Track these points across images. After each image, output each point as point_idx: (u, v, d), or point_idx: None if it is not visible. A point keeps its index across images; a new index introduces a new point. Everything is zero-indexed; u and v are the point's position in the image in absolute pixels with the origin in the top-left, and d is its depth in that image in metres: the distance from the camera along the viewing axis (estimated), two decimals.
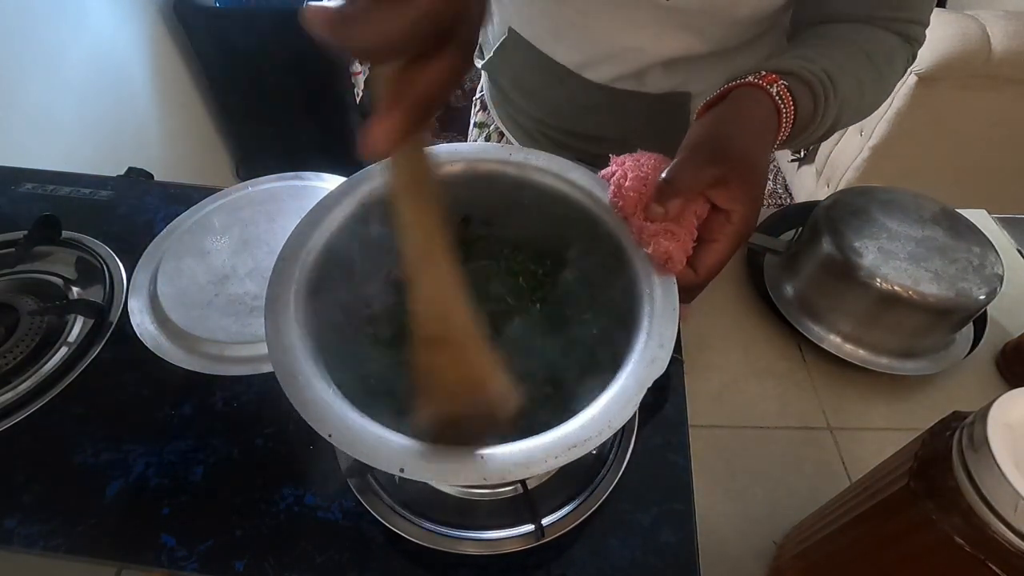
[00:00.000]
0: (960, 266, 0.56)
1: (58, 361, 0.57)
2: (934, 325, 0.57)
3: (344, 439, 0.32)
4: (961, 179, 1.70)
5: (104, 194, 0.75)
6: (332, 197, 0.43)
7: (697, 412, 0.56)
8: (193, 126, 1.91)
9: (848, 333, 0.60)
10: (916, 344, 0.59)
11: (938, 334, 0.59)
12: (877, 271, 0.55)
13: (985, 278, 0.55)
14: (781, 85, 0.43)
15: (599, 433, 0.32)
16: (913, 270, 0.55)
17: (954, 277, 0.55)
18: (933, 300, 0.54)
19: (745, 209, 0.39)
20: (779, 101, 0.43)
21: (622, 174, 0.42)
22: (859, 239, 0.57)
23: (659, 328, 0.37)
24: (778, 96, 0.43)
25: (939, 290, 0.54)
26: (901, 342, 0.59)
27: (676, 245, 0.38)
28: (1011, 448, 0.27)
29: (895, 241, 0.57)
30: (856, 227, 0.58)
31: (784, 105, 0.43)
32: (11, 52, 1.23)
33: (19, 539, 0.47)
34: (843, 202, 0.61)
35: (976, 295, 0.54)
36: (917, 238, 0.57)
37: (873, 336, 0.59)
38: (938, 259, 0.56)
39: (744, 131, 0.42)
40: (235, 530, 0.47)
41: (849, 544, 0.38)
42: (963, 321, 0.59)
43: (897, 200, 0.61)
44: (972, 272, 0.55)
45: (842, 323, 0.60)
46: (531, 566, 0.46)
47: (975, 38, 1.41)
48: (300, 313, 0.37)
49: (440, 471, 0.31)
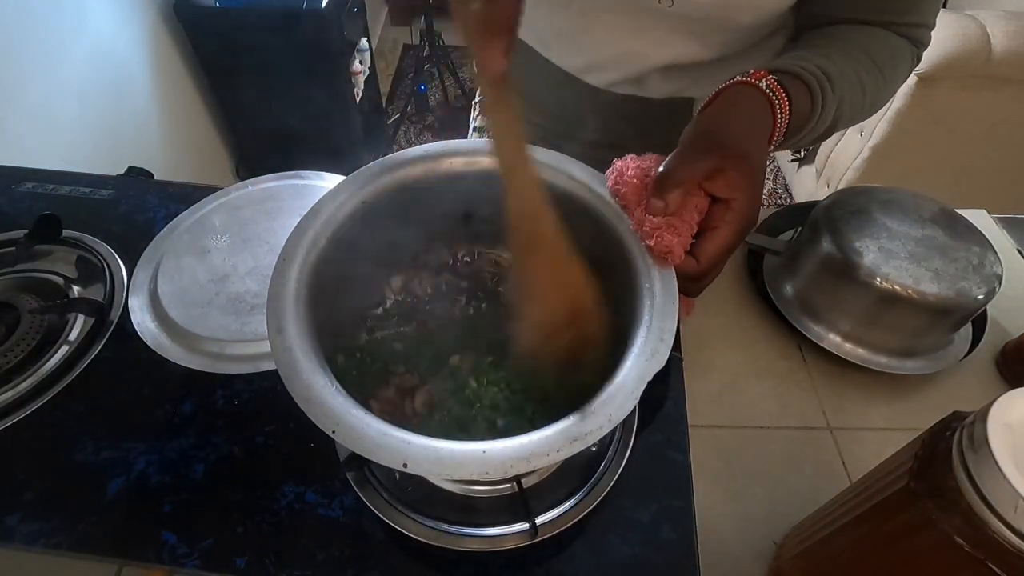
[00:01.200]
0: (960, 265, 0.56)
1: (59, 360, 0.57)
2: (933, 324, 0.57)
3: (348, 435, 0.32)
4: (961, 179, 1.70)
5: (104, 193, 0.75)
6: (332, 196, 0.43)
7: (697, 412, 0.56)
8: (193, 126, 1.91)
9: (848, 332, 0.60)
10: (915, 343, 0.59)
11: (937, 333, 0.59)
12: (877, 270, 0.55)
13: (984, 278, 0.55)
14: (771, 79, 0.44)
15: (600, 427, 0.32)
16: (913, 269, 0.55)
17: (953, 276, 0.55)
18: (933, 299, 0.54)
19: (744, 196, 0.39)
20: (770, 93, 0.43)
21: (623, 166, 0.44)
22: (859, 238, 0.57)
23: (659, 322, 0.37)
24: (768, 89, 0.43)
25: (939, 289, 0.54)
26: (900, 341, 0.59)
27: (677, 240, 0.39)
28: (1011, 448, 0.27)
29: (895, 240, 0.57)
30: (856, 226, 0.58)
31: (776, 97, 0.43)
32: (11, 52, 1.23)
33: (20, 537, 0.47)
34: (843, 202, 0.61)
35: (975, 294, 0.55)
36: (917, 237, 0.57)
37: (873, 335, 0.59)
38: (938, 258, 0.56)
39: (736, 122, 0.43)
40: (236, 527, 0.48)
41: (849, 544, 0.38)
42: (962, 320, 0.59)
43: (896, 200, 0.61)
44: (971, 272, 0.56)
45: (842, 322, 0.60)
46: (531, 562, 0.46)
47: (975, 38, 1.41)
48: (301, 311, 0.37)
49: (442, 466, 0.31)
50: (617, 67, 0.63)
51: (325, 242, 0.41)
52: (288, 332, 0.36)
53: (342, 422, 0.32)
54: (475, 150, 0.46)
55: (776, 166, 2.32)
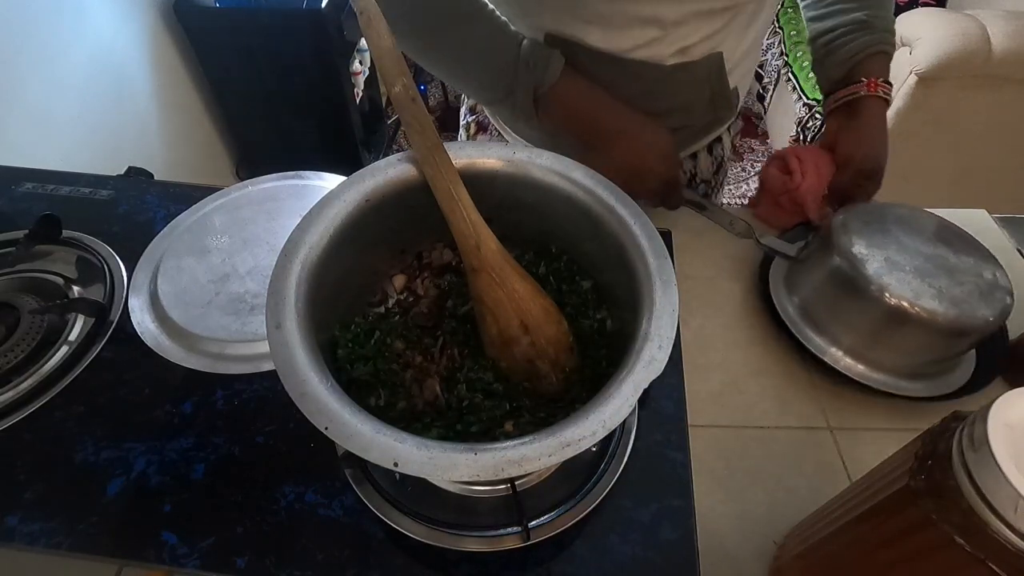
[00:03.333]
0: (968, 289, 0.54)
1: (59, 360, 0.57)
2: (940, 346, 0.56)
3: (340, 432, 0.32)
4: (961, 179, 1.70)
5: (104, 193, 0.75)
6: (332, 196, 0.43)
7: (697, 412, 0.56)
8: (193, 126, 1.91)
9: (849, 347, 0.58)
10: (920, 364, 0.57)
11: (943, 356, 0.58)
12: (885, 286, 0.54)
13: (994, 304, 0.53)
14: (884, 86, 0.67)
15: (593, 433, 0.32)
16: (921, 288, 0.53)
17: (962, 299, 0.53)
18: (941, 320, 0.52)
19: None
20: (886, 98, 0.67)
21: (801, 170, 0.68)
22: (870, 253, 0.56)
23: (658, 329, 0.37)
24: (884, 95, 0.67)
25: (946, 310, 0.53)
26: (904, 361, 0.57)
27: None
28: (1011, 448, 0.27)
29: (905, 256, 0.56)
30: (867, 241, 0.57)
31: (887, 95, 0.68)
32: (11, 52, 1.23)
33: (21, 537, 0.47)
34: (857, 215, 0.60)
35: (983, 319, 0.53)
36: (927, 255, 0.56)
37: (874, 352, 0.57)
38: (946, 279, 0.55)
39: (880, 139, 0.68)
40: (236, 527, 0.48)
41: (849, 544, 0.38)
42: (969, 346, 0.57)
43: (911, 217, 0.60)
44: (979, 297, 0.54)
45: (844, 336, 0.58)
46: (531, 562, 0.46)
47: (975, 38, 1.41)
48: (301, 308, 0.37)
49: (434, 466, 0.31)
50: (645, 32, 0.60)
51: (327, 241, 0.41)
52: (286, 328, 0.36)
53: (335, 419, 0.32)
54: (478, 151, 0.46)
55: None
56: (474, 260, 0.43)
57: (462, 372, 0.46)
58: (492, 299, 0.43)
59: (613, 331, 0.47)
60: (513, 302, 0.43)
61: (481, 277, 0.43)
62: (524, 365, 0.44)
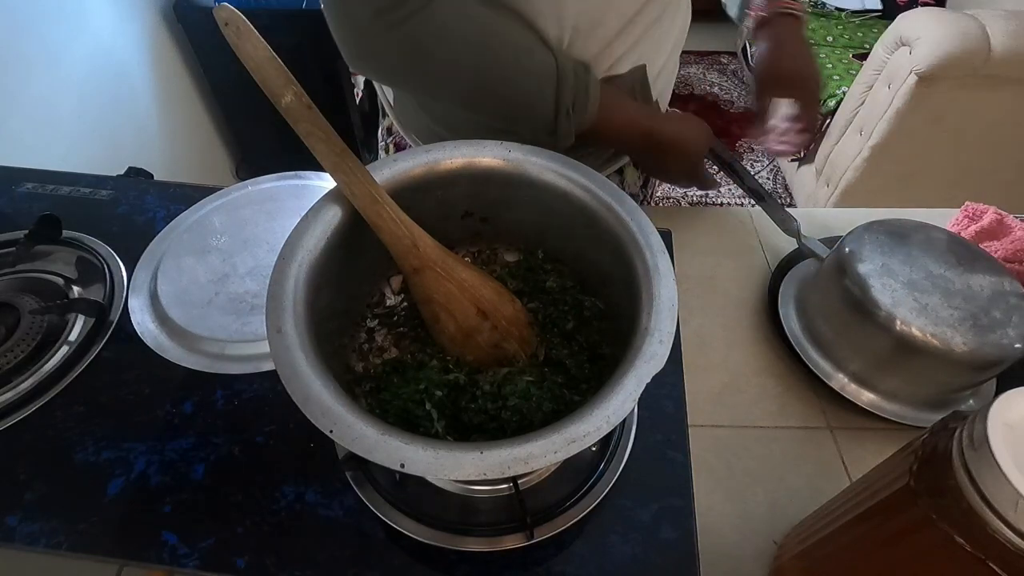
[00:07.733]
0: (989, 314, 0.52)
1: (59, 360, 0.57)
2: (958, 376, 0.53)
3: (345, 435, 0.32)
4: (961, 179, 1.70)
5: (104, 194, 0.75)
6: (332, 196, 0.43)
7: (697, 412, 0.56)
8: (193, 126, 1.91)
9: (855, 372, 0.57)
10: (932, 394, 0.56)
11: (962, 386, 0.55)
12: (897, 313, 0.52)
13: (1020, 329, 0.51)
14: (793, 4, 0.67)
15: (598, 428, 0.32)
16: (939, 314, 0.51)
17: (985, 327, 0.51)
18: (958, 350, 0.50)
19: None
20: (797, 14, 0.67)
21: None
22: (881, 277, 0.54)
23: (658, 324, 0.37)
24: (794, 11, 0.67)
25: (964, 339, 0.50)
26: (909, 388, 0.56)
27: None
28: (1011, 448, 0.27)
29: (920, 280, 0.54)
30: (881, 263, 0.55)
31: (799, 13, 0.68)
32: (11, 52, 1.23)
33: (21, 537, 0.47)
34: (873, 233, 0.58)
35: (1007, 347, 0.50)
36: (941, 275, 0.54)
37: (878, 379, 0.56)
38: (962, 303, 0.52)
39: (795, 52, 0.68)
40: (236, 527, 0.48)
41: (849, 544, 0.38)
42: (991, 375, 0.55)
43: (925, 235, 0.58)
44: (1000, 323, 0.51)
45: (851, 361, 0.57)
46: (531, 562, 0.46)
47: (975, 38, 1.41)
48: (300, 311, 0.37)
49: (440, 466, 0.31)
50: None
51: (325, 242, 0.41)
52: (287, 332, 0.36)
53: (340, 422, 0.32)
54: (475, 150, 0.46)
55: (776, 166, 2.32)
56: (414, 260, 0.42)
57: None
58: (443, 294, 0.42)
59: (612, 326, 0.47)
60: (465, 291, 0.43)
61: (426, 275, 0.42)
62: (491, 352, 0.44)
